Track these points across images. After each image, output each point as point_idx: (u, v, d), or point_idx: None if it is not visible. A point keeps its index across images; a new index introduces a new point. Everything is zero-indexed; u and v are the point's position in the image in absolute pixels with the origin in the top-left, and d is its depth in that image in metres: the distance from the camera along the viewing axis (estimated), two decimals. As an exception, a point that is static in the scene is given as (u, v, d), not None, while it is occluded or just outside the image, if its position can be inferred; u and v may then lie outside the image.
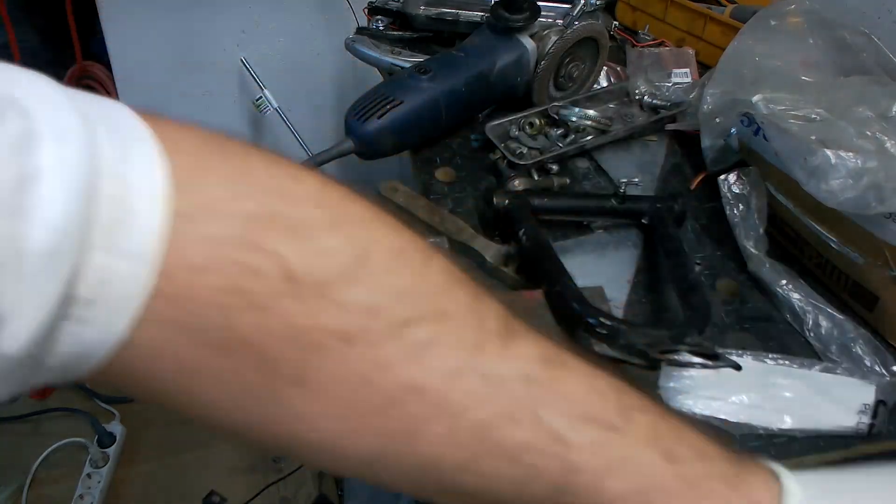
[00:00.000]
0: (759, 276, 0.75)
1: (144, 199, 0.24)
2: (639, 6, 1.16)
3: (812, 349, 0.70)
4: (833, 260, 0.74)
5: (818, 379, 0.65)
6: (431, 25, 1.05)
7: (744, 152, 0.82)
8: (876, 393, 0.63)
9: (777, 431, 0.63)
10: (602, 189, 0.87)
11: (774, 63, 0.81)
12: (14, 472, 1.62)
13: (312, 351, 0.27)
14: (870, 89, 0.73)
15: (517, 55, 0.91)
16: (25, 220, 0.21)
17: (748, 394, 0.63)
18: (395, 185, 0.83)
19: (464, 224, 0.78)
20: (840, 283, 0.74)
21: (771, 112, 0.72)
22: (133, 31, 1.48)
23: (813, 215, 0.73)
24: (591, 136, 0.90)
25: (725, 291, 0.76)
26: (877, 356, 0.67)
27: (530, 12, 0.89)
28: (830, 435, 0.63)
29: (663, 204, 0.79)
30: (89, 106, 0.25)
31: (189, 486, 1.64)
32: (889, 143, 0.64)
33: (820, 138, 0.67)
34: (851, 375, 0.65)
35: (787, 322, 0.73)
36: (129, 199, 0.23)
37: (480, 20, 1.02)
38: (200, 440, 1.73)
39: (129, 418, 1.73)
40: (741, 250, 0.76)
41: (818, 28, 0.84)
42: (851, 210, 0.66)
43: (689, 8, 1.08)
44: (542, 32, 0.92)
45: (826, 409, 0.63)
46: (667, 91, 0.98)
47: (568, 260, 0.67)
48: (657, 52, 1.07)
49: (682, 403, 0.63)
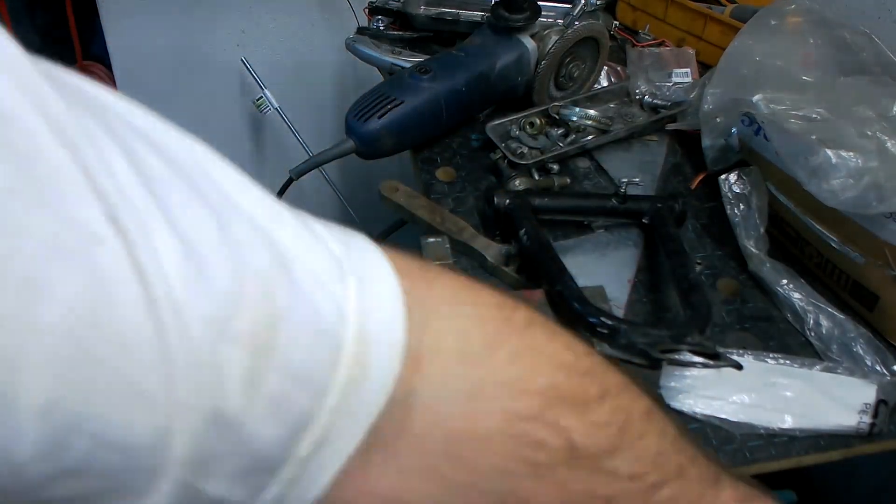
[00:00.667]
0: (760, 276, 0.75)
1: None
2: (639, 6, 1.16)
3: (813, 349, 0.70)
4: (833, 259, 0.74)
5: (819, 378, 0.65)
6: (432, 25, 1.05)
7: (744, 152, 0.82)
8: (877, 392, 0.63)
9: (778, 431, 0.63)
10: (603, 189, 0.87)
11: (775, 63, 0.81)
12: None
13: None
14: (870, 89, 0.73)
15: (517, 55, 0.91)
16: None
17: (749, 393, 0.64)
18: (395, 184, 0.83)
19: (464, 224, 0.78)
20: (840, 283, 0.74)
21: (771, 112, 0.73)
22: (133, 31, 1.48)
23: (813, 215, 0.73)
24: (592, 135, 0.90)
25: (726, 291, 0.76)
26: (877, 356, 0.67)
27: (531, 12, 0.89)
28: (831, 434, 0.63)
29: (664, 204, 0.79)
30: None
31: (189, 486, 1.64)
32: (889, 143, 0.65)
33: (820, 138, 0.67)
34: (852, 375, 0.65)
35: (788, 322, 0.73)
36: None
37: (481, 20, 1.03)
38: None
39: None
40: (742, 250, 0.76)
41: (818, 28, 0.84)
42: (852, 209, 0.66)
43: (690, 8, 1.08)
44: (542, 32, 0.92)
45: (827, 408, 0.63)
46: (667, 91, 0.98)
47: (569, 260, 0.67)
48: (657, 51, 1.07)
49: (683, 403, 0.63)
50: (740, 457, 0.61)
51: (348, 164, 1.02)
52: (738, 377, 0.61)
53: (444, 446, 0.26)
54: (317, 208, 1.31)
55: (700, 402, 0.63)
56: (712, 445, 0.62)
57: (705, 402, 0.63)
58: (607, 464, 0.29)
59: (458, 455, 0.26)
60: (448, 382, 0.26)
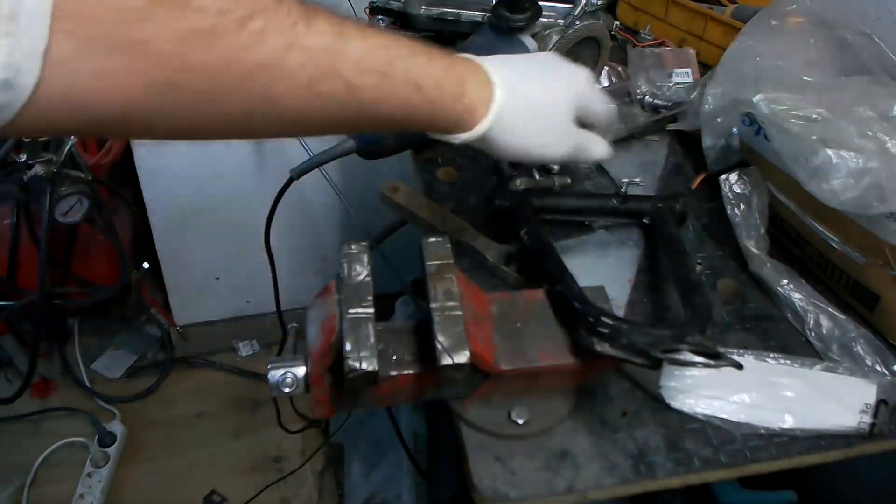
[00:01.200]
0: (761, 276, 0.75)
1: None
2: (640, 6, 1.16)
3: (813, 349, 0.70)
4: (834, 259, 0.74)
5: (819, 378, 0.65)
6: (433, 25, 1.05)
7: (745, 152, 0.82)
8: (877, 392, 0.63)
9: (778, 430, 0.63)
10: (603, 188, 0.87)
11: (775, 63, 0.81)
12: (14, 472, 1.62)
13: (190, 45, 0.37)
14: (871, 89, 0.73)
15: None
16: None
17: (749, 393, 0.64)
18: (396, 184, 0.83)
19: (465, 224, 0.78)
20: (841, 283, 0.74)
21: (772, 112, 0.72)
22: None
23: (814, 215, 0.73)
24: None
25: (726, 291, 0.76)
26: (877, 356, 0.67)
27: (532, 12, 0.89)
28: (832, 434, 0.63)
29: (664, 204, 0.79)
30: None
31: (189, 486, 1.64)
32: (890, 143, 0.64)
33: (821, 138, 0.67)
34: (852, 375, 0.65)
35: (788, 322, 0.73)
36: None
37: (482, 20, 1.02)
38: (200, 440, 1.73)
39: (129, 418, 1.73)
40: (742, 250, 0.76)
41: (819, 28, 0.84)
42: (852, 210, 0.66)
43: (690, 8, 1.08)
44: (543, 32, 0.92)
45: (827, 408, 0.63)
46: (668, 91, 0.98)
47: (569, 259, 0.67)
48: (658, 51, 1.07)
49: (684, 403, 0.63)
50: (741, 457, 0.62)
51: (349, 164, 1.02)
52: (739, 377, 0.61)
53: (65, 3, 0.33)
54: (317, 208, 1.32)
55: (701, 401, 0.63)
56: (713, 445, 0.62)
57: (706, 402, 0.63)
58: (195, 4, 0.37)
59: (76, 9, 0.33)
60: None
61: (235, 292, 1.85)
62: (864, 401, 0.63)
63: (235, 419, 1.78)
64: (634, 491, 0.60)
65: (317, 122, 0.47)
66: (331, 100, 0.45)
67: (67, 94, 0.35)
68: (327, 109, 0.45)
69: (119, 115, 0.38)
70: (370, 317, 0.51)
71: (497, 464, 0.59)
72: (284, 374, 0.53)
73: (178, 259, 1.75)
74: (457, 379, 0.52)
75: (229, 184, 1.61)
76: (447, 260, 0.57)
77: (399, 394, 0.58)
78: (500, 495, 0.57)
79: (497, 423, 0.61)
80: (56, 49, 0.33)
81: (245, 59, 0.40)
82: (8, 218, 1.49)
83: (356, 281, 0.54)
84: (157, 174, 1.58)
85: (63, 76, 0.34)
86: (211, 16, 0.38)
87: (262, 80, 0.41)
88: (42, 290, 1.47)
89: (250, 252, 1.57)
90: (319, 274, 1.82)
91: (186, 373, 1.87)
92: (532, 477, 0.59)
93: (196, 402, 1.81)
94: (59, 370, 1.81)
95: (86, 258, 1.65)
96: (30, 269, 1.50)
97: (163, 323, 1.84)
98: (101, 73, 0.36)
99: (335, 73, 0.44)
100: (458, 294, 0.54)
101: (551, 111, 0.57)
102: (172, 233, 1.69)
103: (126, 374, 1.84)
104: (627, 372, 0.66)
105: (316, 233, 1.77)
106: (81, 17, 0.34)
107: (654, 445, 0.62)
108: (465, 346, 0.51)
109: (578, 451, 0.61)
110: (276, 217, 0.96)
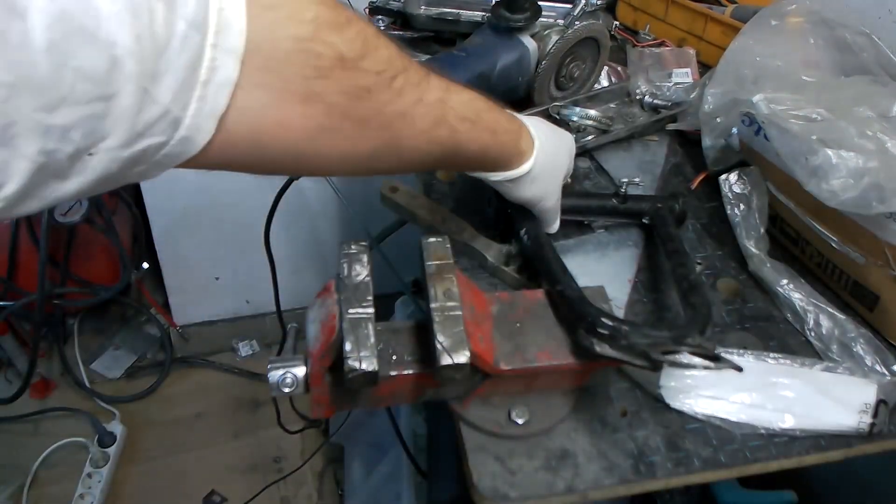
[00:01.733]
0: (760, 276, 0.75)
1: (236, 10, 0.37)
2: (640, 6, 1.16)
3: (813, 349, 0.70)
4: (834, 259, 0.74)
5: (819, 378, 0.65)
6: (432, 25, 1.05)
7: (745, 152, 0.82)
8: (877, 392, 0.63)
9: (778, 431, 0.63)
10: (603, 188, 0.87)
11: (775, 63, 0.81)
12: (14, 472, 1.62)
13: (353, 98, 0.45)
14: (870, 89, 0.73)
15: (518, 55, 0.91)
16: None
17: (749, 393, 0.64)
18: (395, 184, 0.83)
19: (465, 224, 0.78)
20: (841, 283, 0.74)
21: (772, 112, 0.73)
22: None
23: (814, 215, 0.73)
24: (592, 135, 0.90)
25: (726, 291, 0.76)
26: (877, 356, 0.67)
27: (531, 12, 0.89)
28: (831, 434, 0.63)
29: (664, 203, 0.79)
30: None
31: (189, 486, 1.64)
32: (890, 143, 0.65)
33: (821, 138, 0.67)
34: (852, 375, 0.65)
35: (788, 321, 0.73)
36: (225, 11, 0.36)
37: (481, 20, 1.02)
38: (200, 440, 1.73)
39: (129, 418, 1.73)
40: (742, 250, 0.76)
41: (819, 28, 0.84)
42: (852, 210, 0.66)
43: (690, 8, 1.09)
44: (543, 32, 0.92)
45: (827, 408, 0.63)
46: (667, 91, 0.98)
47: (569, 260, 0.67)
48: (658, 51, 1.07)
49: (684, 403, 0.63)
50: (741, 457, 0.61)
51: (349, 163, 1.02)
52: (739, 377, 0.61)
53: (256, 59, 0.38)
54: (317, 208, 1.32)
55: (701, 402, 0.63)
56: (713, 445, 0.62)
57: (706, 402, 0.63)
58: (362, 64, 0.44)
59: (265, 65, 0.39)
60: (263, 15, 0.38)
61: (235, 292, 1.85)
62: (863, 401, 0.63)
63: (235, 419, 1.78)
64: (634, 491, 0.60)
65: (425, 162, 0.56)
66: (439, 143, 0.54)
67: (248, 138, 0.41)
68: (433, 153, 0.54)
69: (289, 155, 0.45)
70: (370, 317, 0.51)
71: (497, 464, 0.59)
72: (284, 374, 0.53)
73: (178, 259, 1.75)
74: (457, 379, 0.52)
75: (229, 184, 1.61)
76: (447, 260, 0.57)
77: (399, 394, 0.58)
78: (499, 495, 0.57)
79: (497, 423, 0.61)
80: (245, 100, 0.39)
81: (388, 111, 0.48)
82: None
83: (356, 281, 0.54)
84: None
85: (248, 123, 0.40)
86: (372, 76, 0.45)
87: (396, 127, 0.49)
88: (42, 290, 1.47)
89: (250, 252, 1.57)
90: (319, 274, 1.82)
91: (186, 373, 1.87)
92: (532, 477, 0.59)
93: (196, 402, 1.81)
94: (58, 370, 1.81)
95: (85, 258, 1.65)
96: (29, 270, 1.51)
97: (163, 323, 1.84)
98: (282, 120, 0.42)
99: (445, 121, 0.53)
100: (458, 294, 0.54)
101: (559, 166, 0.71)
102: (172, 233, 1.69)
103: (126, 375, 1.84)
104: (627, 372, 0.66)
105: (316, 233, 1.77)
106: (274, 75, 0.40)
107: (654, 445, 0.62)
108: (465, 346, 0.51)
109: (578, 451, 0.61)
110: (276, 217, 0.96)
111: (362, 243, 0.56)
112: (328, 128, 0.45)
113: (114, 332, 1.89)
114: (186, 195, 1.62)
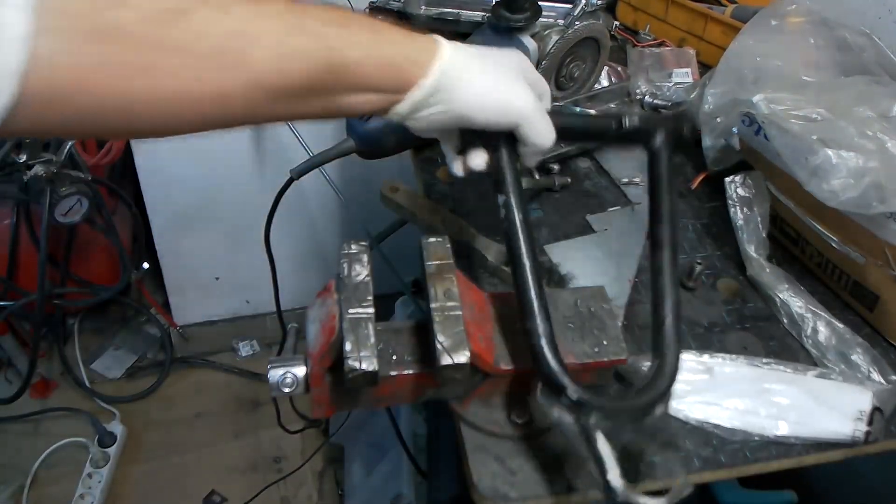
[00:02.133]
0: (759, 281, 0.75)
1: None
2: (640, 6, 1.16)
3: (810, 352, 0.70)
4: (834, 259, 0.74)
5: (814, 385, 0.64)
6: (432, 25, 1.05)
7: (745, 152, 0.82)
8: (872, 400, 0.63)
9: (773, 438, 0.62)
10: (602, 186, 0.87)
11: (775, 63, 0.81)
12: (14, 472, 1.62)
13: (165, 24, 0.39)
14: (871, 89, 0.73)
15: (518, 55, 0.91)
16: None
17: (743, 399, 0.63)
18: (395, 184, 0.83)
19: (465, 224, 0.78)
20: (841, 283, 0.74)
21: (772, 112, 0.72)
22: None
23: (814, 215, 0.73)
24: (592, 135, 0.90)
25: (726, 291, 0.76)
26: (874, 364, 0.66)
27: (531, 12, 0.89)
28: (826, 443, 0.62)
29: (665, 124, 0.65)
30: None
31: (189, 486, 1.64)
32: (890, 143, 0.64)
33: (821, 138, 0.67)
34: (847, 381, 0.64)
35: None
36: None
37: (481, 20, 1.02)
38: (200, 440, 1.73)
39: (129, 418, 1.73)
40: (742, 254, 0.76)
41: (819, 28, 0.84)
42: (852, 210, 0.66)
43: (690, 8, 1.08)
44: (543, 32, 0.92)
45: (822, 416, 0.62)
46: (667, 91, 0.98)
47: (570, 259, 0.67)
48: (658, 51, 1.07)
49: (677, 409, 0.63)
50: (740, 457, 0.61)
51: (348, 164, 1.02)
52: (733, 383, 0.61)
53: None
54: (317, 208, 1.32)
55: (694, 407, 0.63)
56: (713, 445, 0.62)
57: (699, 408, 0.63)
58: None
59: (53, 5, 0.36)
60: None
61: (235, 292, 1.85)
62: (859, 408, 0.62)
63: (235, 419, 1.78)
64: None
65: (298, 87, 0.47)
66: (304, 57, 0.46)
67: (51, 93, 0.37)
68: (302, 71, 0.46)
69: (108, 108, 0.40)
70: (370, 317, 0.51)
71: (497, 464, 0.59)
72: (284, 374, 0.53)
73: (178, 259, 1.75)
74: (457, 379, 0.52)
75: (229, 184, 1.61)
76: (447, 260, 0.56)
77: (399, 394, 0.58)
78: (499, 495, 0.57)
79: (497, 423, 0.61)
80: (39, 48, 0.35)
81: (216, 30, 0.42)
82: (8, 218, 1.49)
83: (356, 281, 0.54)
84: (157, 174, 1.57)
85: (45, 75, 0.36)
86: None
87: (233, 48, 0.43)
88: (42, 290, 1.47)
89: (250, 252, 1.57)
90: (319, 274, 1.82)
91: (186, 373, 1.87)
92: (532, 477, 0.59)
93: (196, 402, 1.81)
94: (58, 370, 1.81)
95: (86, 258, 1.65)
96: (30, 270, 1.50)
97: (163, 323, 1.84)
98: (77, 64, 0.37)
99: (303, 28, 0.46)
100: (458, 294, 0.54)
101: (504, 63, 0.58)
102: (172, 233, 1.69)
103: (126, 375, 1.84)
104: (624, 374, 0.66)
105: (316, 233, 1.77)
106: (59, 14, 0.36)
107: (654, 445, 0.62)
108: (465, 346, 0.51)
109: (578, 451, 0.61)
110: (276, 217, 0.95)
111: (362, 243, 0.56)
112: (140, 66, 0.39)
113: (114, 332, 1.89)
114: (186, 195, 1.62)
